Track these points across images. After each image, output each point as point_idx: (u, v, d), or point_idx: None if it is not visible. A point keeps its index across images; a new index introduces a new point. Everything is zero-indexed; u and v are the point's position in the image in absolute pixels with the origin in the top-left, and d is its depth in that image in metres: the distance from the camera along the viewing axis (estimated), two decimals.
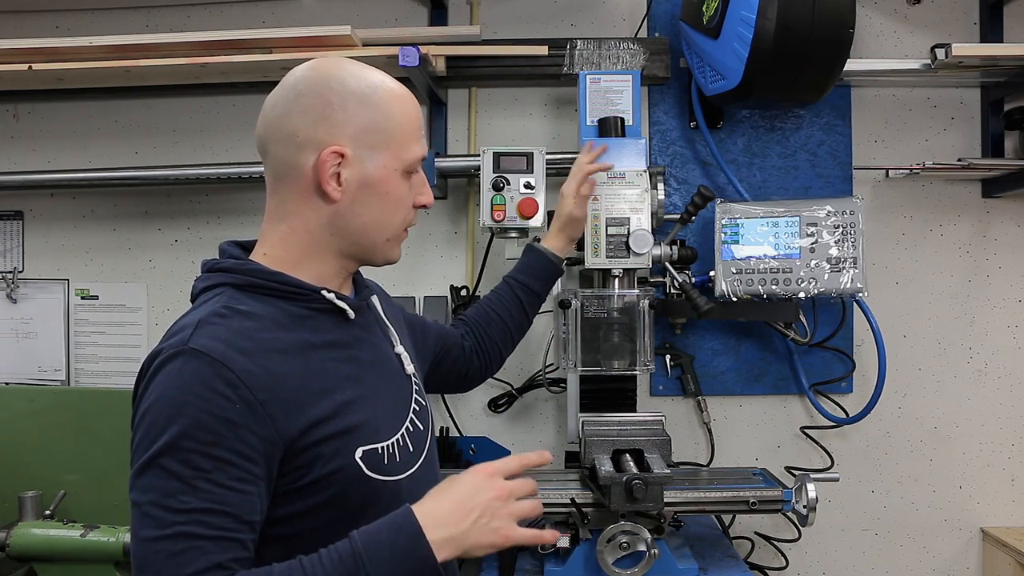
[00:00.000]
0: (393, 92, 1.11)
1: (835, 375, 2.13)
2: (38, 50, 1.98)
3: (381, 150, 1.09)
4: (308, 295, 1.08)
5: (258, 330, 1.02)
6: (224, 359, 0.96)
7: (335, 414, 1.03)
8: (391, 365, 1.20)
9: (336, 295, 1.11)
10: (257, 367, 0.98)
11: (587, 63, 2.11)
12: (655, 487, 1.51)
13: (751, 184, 2.15)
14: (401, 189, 1.13)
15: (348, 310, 1.12)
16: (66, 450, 2.01)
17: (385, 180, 1.10)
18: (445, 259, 2.23)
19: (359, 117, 1.07)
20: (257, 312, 1.04)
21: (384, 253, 1.15)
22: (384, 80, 1.12)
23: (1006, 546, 2.06)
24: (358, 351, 1.13)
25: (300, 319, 1.07)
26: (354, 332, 1.14)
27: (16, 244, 2.32)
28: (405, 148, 1.11)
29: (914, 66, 2.03)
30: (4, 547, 1.74)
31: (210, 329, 0.99)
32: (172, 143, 2.28)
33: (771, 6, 1.72)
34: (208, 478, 0.92)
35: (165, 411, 0.94)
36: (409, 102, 1.13)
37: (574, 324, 1.77)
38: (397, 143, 1.10)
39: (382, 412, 1.11)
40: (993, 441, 2.18)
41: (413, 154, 1.12)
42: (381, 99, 1.10)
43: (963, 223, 2.19)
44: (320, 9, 2.26)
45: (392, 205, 1.12)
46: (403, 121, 1.11)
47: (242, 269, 1.08)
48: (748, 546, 2.13)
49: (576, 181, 1.69)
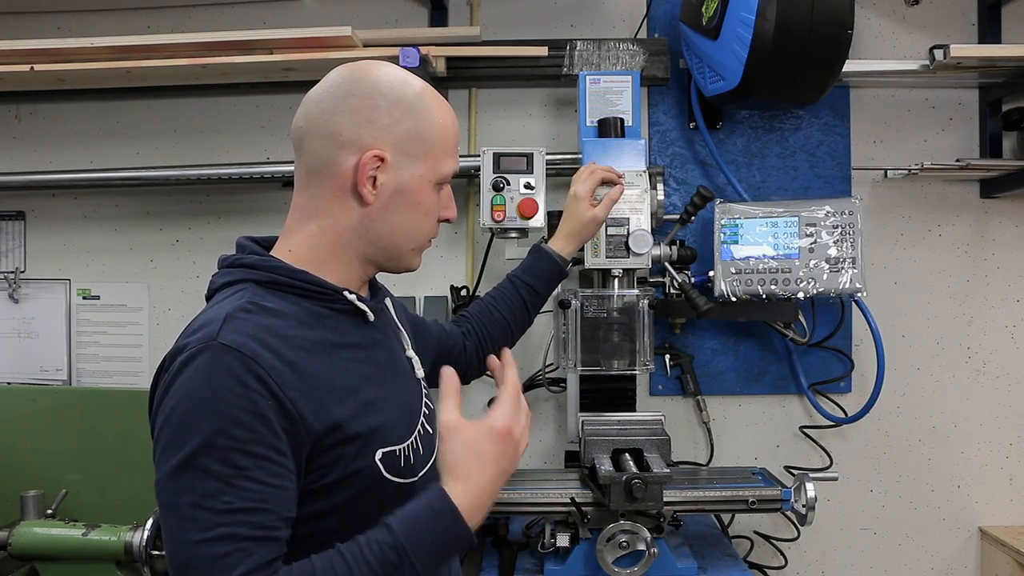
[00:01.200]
0: (439, 104, 1.13)
1: (834, 375, 2.14)
2: (40, 51, 1.99)
3: (420, 160, 1.10)
4: (331, 295, 1.09)
5: (284, 327, 1.01)
6: (255, 355, 0.95)
7: (358, 414, 1.03)
8: (404, 368, 1.20)
9: (357, 297, 1.11)
10: (285, 364, 0.97)
11: (587, 64, 2.11)
12: (655, 486, 1.52)
13: (750, 184, 2.15)
14: (432, 200, 1.14)
15: (368, 312, 1.12)
16: (68, 450, 2.01)
17: (419, 190, 1.11)
18: (445, 259, 2.23)
19: (404, 124, 1.08)
20: (282, 310, 1.03)
21: (407, 262, 1.17)
22: (428, 91, 1.13)
23: (1004, 545, 2.07)
24: (375, 353, 1.13)
25: (322, 319, 1.07)
26: (372, 335, 1.14)
27: (18, 244, 2.32)
28: (442, 161, 1.12)
29: (912, 67, 2.03)
30: (6, 546, 1.74)
31: (238, 324, 0.97)
32: (173, 143, 2.29)
33: (770, 7, 1.73)
34: (248, 476, 0.91)
35: (197, 409, 0.92)
36: (450, 116, 1.15)
37: (574, 324, 1.77)
38: (435, 155, 1.11)
39: (398, 415, 1.11)
40: (991, 440, 2.19)
41: (448, 168, 1.14)
42: (427, 109, 1.11)
43: (961, 223, 2.20)
44: (321, 10, 2.27)
45: (422, 215, 1.13)
46: (444, 135, 1.12)
47: (266, 266, 1.08)
48: (747, 545, 2.13)
49: (593, 183, 1.69)
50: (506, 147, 1.87)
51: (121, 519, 1.75)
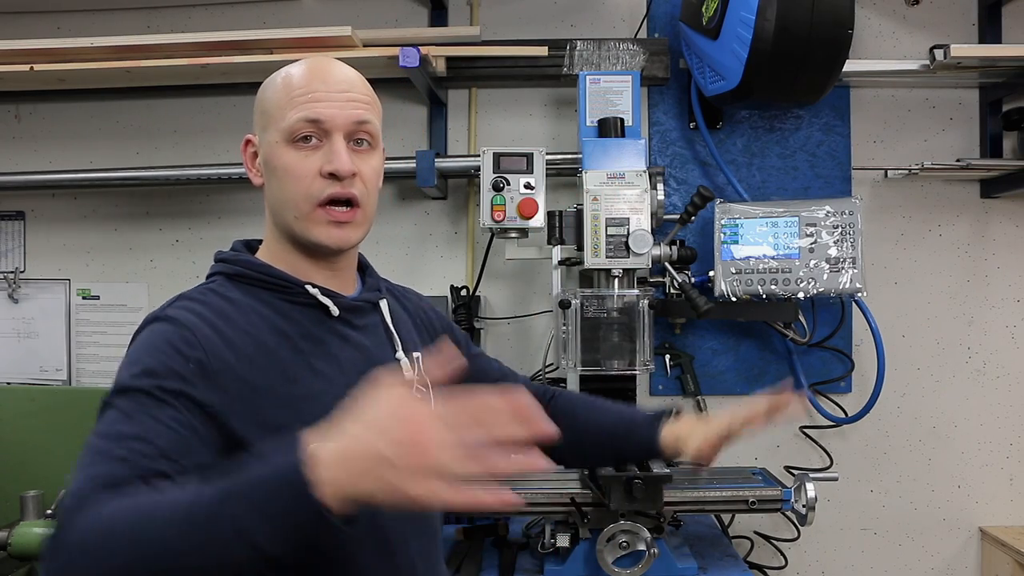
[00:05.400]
0: (289, 68, 1.13)
1: (834, 375, 2.13)
2: (40, 51, 1.99)
3: (268, 128, 1.11)
4: (292, 288, 1.09)
5: (234, 312, 1.03)
6: (190, 324, 0.99)
7: (289, 406, 1.01)
8: (382, 366, 1.13)
9: (321, 290, 1.10)
10: (221, 340, 0.99)
11: (587, 64, 2.11)
12: (655, 486, 1.51)
13: (750, 184, 2.15)
14: (287, 160, 1.08)
15: (331, 307, 1.10)
16: (68, 450, 1.98)
17: (273, 155, 1.10)
18: (445, 259, 2.23)
19: (257, 105, 1.14)
20: (238, 299, 1.06)
21: (302, 233, 1.09)
22: (293, 65, 1.13)
23: (1004, 545, 2.07)
24: (338, 350, 1.10)
25: (281, 312, 1.07)
26: (339, 329, 1.11)
27: (18, 244, 2.32)
28: (281, 118, 1.09)
29: (913, 67, 2.03)
30: (5, 546, 1.74)
31: (187, 303, 1.03)
32: (173, 143, 2.29)
33: (770, 7, 1.73)
34: (146, 412, 0.93)
35: (126, 364, 0.97)
36: (297, 71, 1.11)
37: (574, 324, 1.77)
38: (275, 116, 1.10)
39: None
40: (991, 440, 2.19)
41: (288, 120, 1.07)
42: (273, 79, 1.13)
43: (962, 223, 2.20)
44: (321, 10, 2.27)
45: (283, 178, 1.09)
46: (279, 94, 1.10)
47: (233, 259, 1.12)
48: (747, 545, 2.13)
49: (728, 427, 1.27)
50: (506, 147, 1.87)
51: None
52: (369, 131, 1.11)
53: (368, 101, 1.12)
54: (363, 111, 1.10)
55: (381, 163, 1.16)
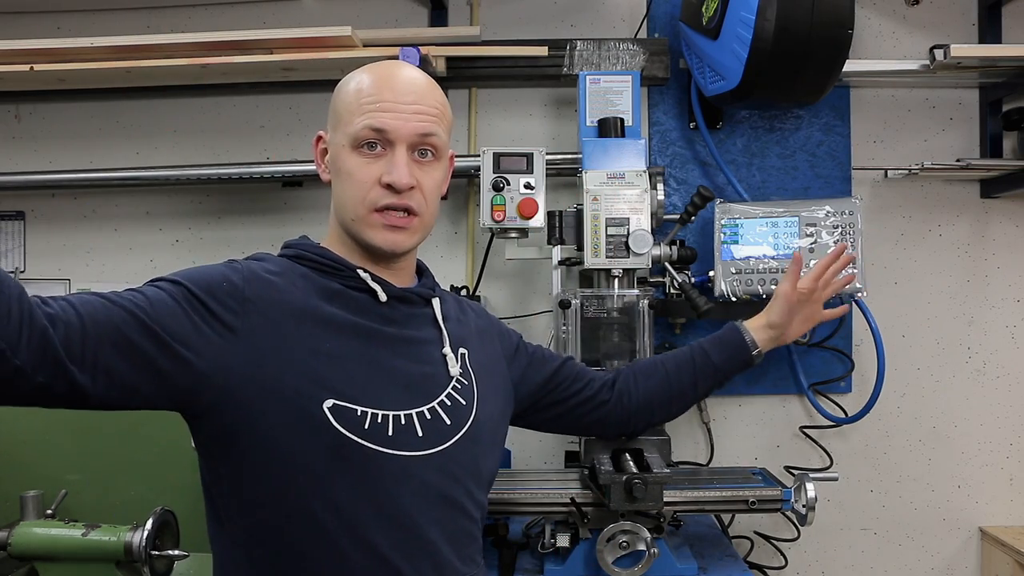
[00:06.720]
0: (363, 72, 1.16)
1: (834, 375, 2.13)
2: (40, 51, 1.99)
3: (337, 129, 1.14)
4: (344, 271, 1.14)
5: (281, 281, 1.10)
6: (249, 268, 1.09)
7: (307, 370, 1.05)
8: (424, 357, 1.17)
9: (372, 276, 1.14)
10: (270, 288, 1.07)
11: (587, 64, 2.11)
12: (655, 486, 1.51)
13: (750, 184, 2.15)
14: (352, 164, 1.11)
15: (380, 292, 1.13)
16: (68, 449, 2.01)
17: (339, 157, 1.14)
18: (445, 259, 2.23)
19: (331, 104, 1.17)
20: (287, 272, 1.12)
21: (359, 234, 1.14)
22: (369, 67, 1.17)
23: (1005, 545, 2.07)
24: (375, 334, 1.12)
25: (332, 293, 1.12)
26: (385, 313, 1.14)
27: (18, 244, 2.32)
28: (350, 122, 1.12)
29: (913, 67, 2.03)
30: (5, 546, 1.74)
31: (249, 262, 1.13)
32: (173, 143, 2.29)
33: (770, 7, 1.73)
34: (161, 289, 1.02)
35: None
36: (368, 77, 1.14)
37: (574, 324, 1.77)
38: (344, 120, 1.13)
39: (378, 384, 1.09)
40: (992, 440, 2.19)
41: (354, 126, 1.11)
42: (348, 81, 1.16)
43: (962, 223, 2.20)
44: (321, 10, 2.27)
45: (345, 181, 1.13)
46: (352, 98, 1.13)
47: (296, 244, 1.19)
48: (747, 545, 2.13)
49: (791, 283, 1.57)
50: (506, 147, 1.87)
51: (121, 519, 1.75)
52: (433, 143, 1.14)
53: (435, 113, 1.15)
54: (429, 123, 1.13)
55: (445, 173, 1.20)
